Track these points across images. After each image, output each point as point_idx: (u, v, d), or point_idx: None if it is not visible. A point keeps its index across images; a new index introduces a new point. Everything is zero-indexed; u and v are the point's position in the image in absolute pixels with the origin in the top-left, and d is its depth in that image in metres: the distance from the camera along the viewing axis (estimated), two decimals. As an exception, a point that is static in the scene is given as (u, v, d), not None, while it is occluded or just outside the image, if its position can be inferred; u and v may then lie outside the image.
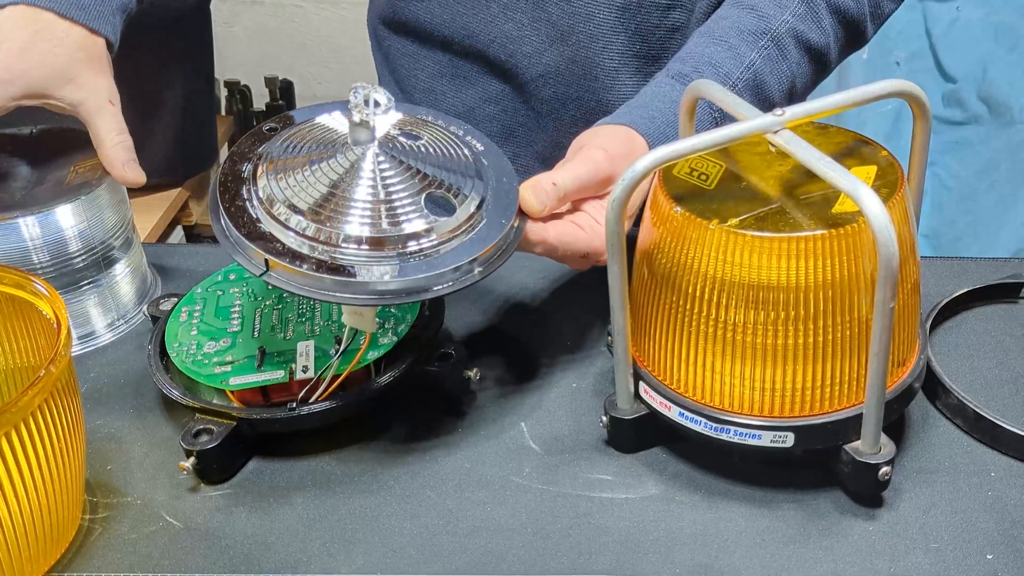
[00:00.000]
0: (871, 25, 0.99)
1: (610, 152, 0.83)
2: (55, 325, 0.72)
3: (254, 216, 0.76)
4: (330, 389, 0.79)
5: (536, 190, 0.79)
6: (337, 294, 0.73)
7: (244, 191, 0.78)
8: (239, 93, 2.46)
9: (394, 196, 0.75)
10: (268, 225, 0.76)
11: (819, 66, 0.96)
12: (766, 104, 0.89)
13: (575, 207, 0.83)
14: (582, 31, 1.01)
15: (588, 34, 1.01)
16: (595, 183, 0.82)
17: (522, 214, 0.80)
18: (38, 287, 0.75)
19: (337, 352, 0.81)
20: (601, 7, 1.00)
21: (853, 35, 0.98)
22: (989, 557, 0.70)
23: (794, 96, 0.94)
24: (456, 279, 0.75)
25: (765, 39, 0.91)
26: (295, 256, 0.74)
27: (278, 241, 0.75)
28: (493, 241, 0.77)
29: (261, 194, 0.76)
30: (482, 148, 0.84)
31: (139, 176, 0.89)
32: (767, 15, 0.92)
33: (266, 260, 0.74)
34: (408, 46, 1.11)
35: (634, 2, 1.00)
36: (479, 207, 0.78)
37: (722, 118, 0.89)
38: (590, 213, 0.82)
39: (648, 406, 0.78)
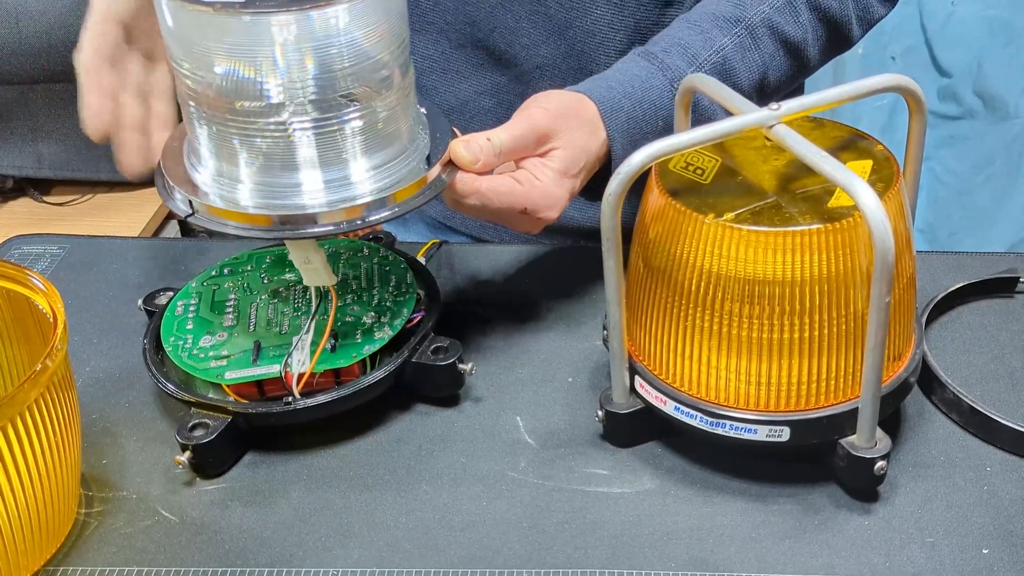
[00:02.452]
0: (857, 27, 0.99)
1: (551, 110, 0.83)
2: (51, 319, 0.72)
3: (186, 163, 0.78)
4: (303, 378, 0.80)
5: (468, 143, 0.79)
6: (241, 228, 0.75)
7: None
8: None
9: None
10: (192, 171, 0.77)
11: (796, 61, 0.95)
12: (736, 90, 0.89)
13: (517, 166, 0.83)
14: (579, 25, 1.00)
15: (585, 29, 1.01)
16: (533, 140, 0.82)
17: (453, 167, 0.80)
18: (34, 281, 0.75)
19: (308, 323, 0.82)
20: (599, 2, 1.00)
21: (836, 35, 0.98)
22: (985, 551, 0.71)
23: (766, 87, 0.94)
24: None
25: (739, 27, 0.91)
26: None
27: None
28: (407, 184, 0.77)
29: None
30: (424, 111, 0.84)
31: None
32: (744, 4, 0.92)
33: (191, 201, 0.75)
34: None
35: None
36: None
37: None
38: (529, 169, 0.82)
39: (644, 400, 0.78)
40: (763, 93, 0.93)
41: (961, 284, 0.92)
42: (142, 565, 0.73)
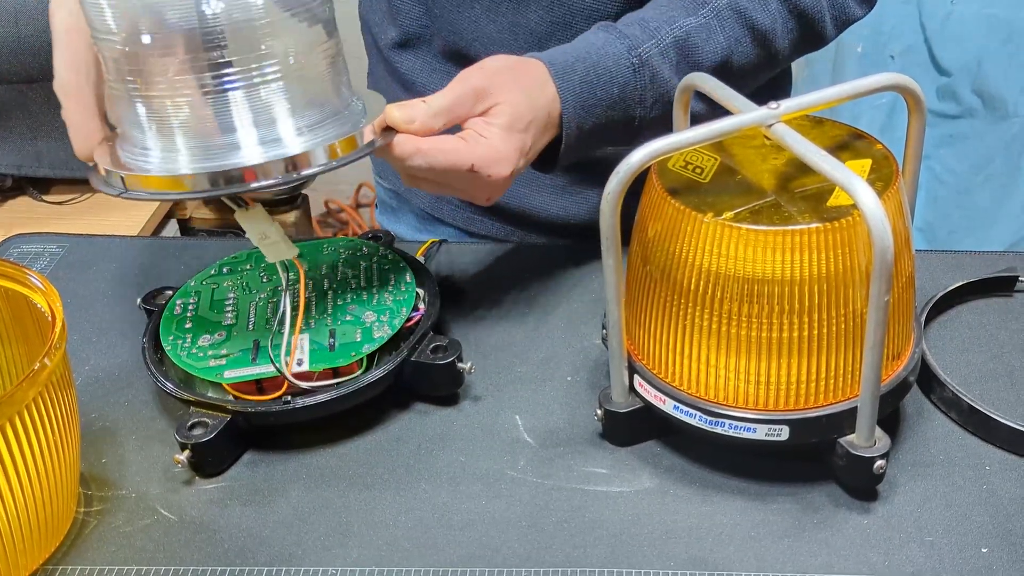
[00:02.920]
0: (831, 25, 0.98)
1: (486, 69, 0.83)
2: (50, 318, 0.72)
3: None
4: (291, 359, 0.80)
5: (403, 106, 0.78)
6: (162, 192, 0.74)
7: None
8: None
9: None
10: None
11: (764, 51, 0.94)
12: (694, 69, 0.88)
13: (463, 128, 0.82)
14: (559, 39, 1.00)
15: (565, 42, 1.00)
16: (471, 98, 0.81)
17: (390, 131, 0.79)
18: (33, 280, 0.75)
19: (283, 299, 0.83)
20: (578, 18, 0.99)
21: (808, 30, 0.97)
22: (984, 550, 0.71)
23: (729, 69, 0.93)
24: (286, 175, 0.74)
25: (705, 9, 0.91)
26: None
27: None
28: (333, 141, 0.76)
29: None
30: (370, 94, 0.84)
31: None
32: None
33: (122, 178, 0.74)
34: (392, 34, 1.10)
35: (612, 13, 0.99)
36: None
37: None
38: (474, 128, 0.81)
39: (643, 399, 0.78)
40: (727, 76, 0.90)
41: (960, 283, 0.92)
42: (141, 564, 0.73)
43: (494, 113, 0.81)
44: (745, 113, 0.72)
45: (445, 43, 1.06)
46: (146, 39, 0.70)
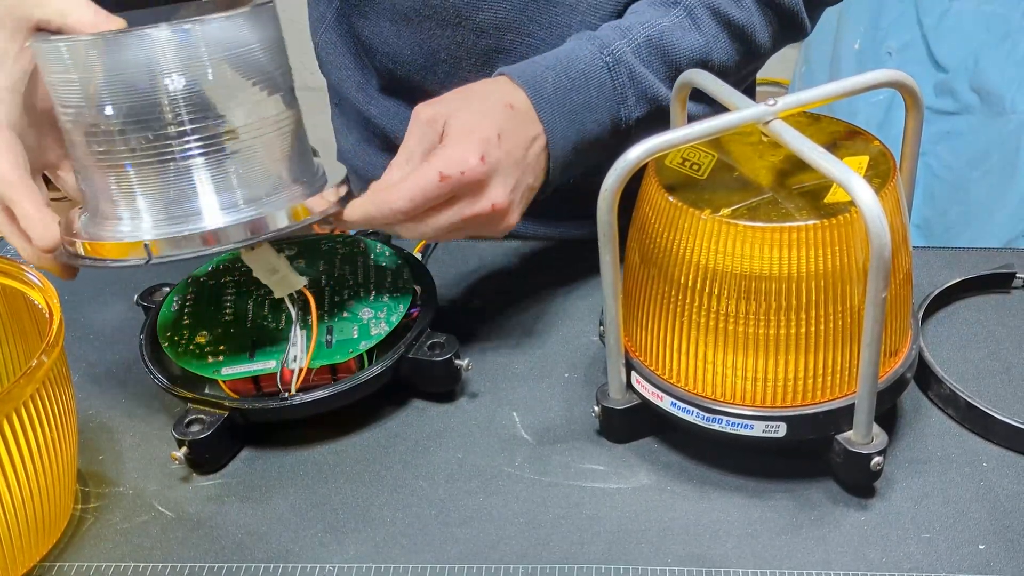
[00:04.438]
0: (807, 11, 0.96)
1: (431, 101, 0.81)
2: (47, 315, 0.72)
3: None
4: (301, 374, 0.80)
5: (373, 197, 0.78)
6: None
7: None
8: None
9: None
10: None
11: (743, 45, 0.92)
12: (674, 68, 0.87)
13: None
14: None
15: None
16: (429, 134, 0.80)
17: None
18: (30, 276, 0.74)
19: (294, 329, 0.83)
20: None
21: (786, 20, 0.95)
22: (981, 547, 0.71)
23: (712, 70, 0.87)
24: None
25: (677, 8, 0.89)
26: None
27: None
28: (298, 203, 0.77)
29: None
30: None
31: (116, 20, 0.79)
32: None
33: (146, 245, 0.74)
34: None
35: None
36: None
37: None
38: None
39: (640, 396, 0.78)
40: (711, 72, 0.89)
41: (957, 280, 0.92)
42: (138, 561, 0.73)
43: (445, 128, 0.79)
44: (742, 110, 0.72)
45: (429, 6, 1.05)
46: (109, 110, 0.71)
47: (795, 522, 0.73)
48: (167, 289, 0.91)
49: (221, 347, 0.83)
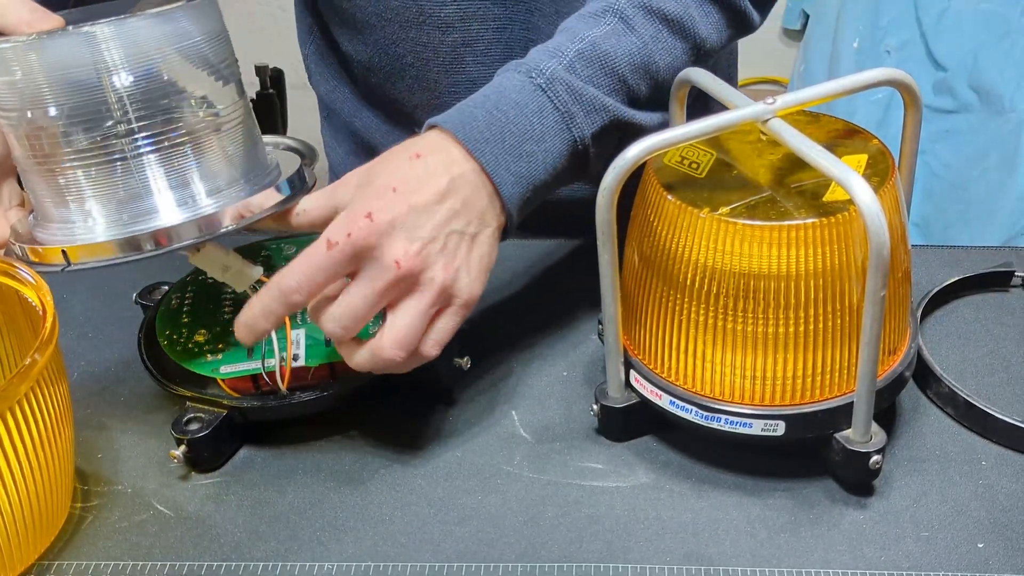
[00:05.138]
0: (751, 4, 0.89)
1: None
2: (41, 312, 0.72)
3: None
4: (286, 373, 0.80)
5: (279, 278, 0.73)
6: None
7: None
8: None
9: None
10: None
11: (686, 41, 0.84)
12: (616, 77, 0.80)
13: None
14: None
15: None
16: (326, 266, 0.73)
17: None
18: (23, 274, 0.74)
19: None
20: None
21: (726, 10, 0.87)
22: (980, 546, 0.71)
23: (657, 73, 0.83)
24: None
25: (608, 15, 0.82)
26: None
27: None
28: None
29: None
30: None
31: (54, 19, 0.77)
32: None
33: (63, 251, 0.73)
34: None
35: None
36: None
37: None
38: None
39: (639, 395, 0.78)
40: (657, 81, 0.83)
41: (956, 278, 0.92)
42: (137, 559, 0.73)
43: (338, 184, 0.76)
44: (741, 108, 0.72)
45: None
46: (52, 111, 0.70)
47: (794, 520, 0.73)
48: (166, 287, 0.91)
49: (220, 345, 0.83)
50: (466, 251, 0.75)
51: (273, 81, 2.54)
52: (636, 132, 0.80)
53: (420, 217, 0.72)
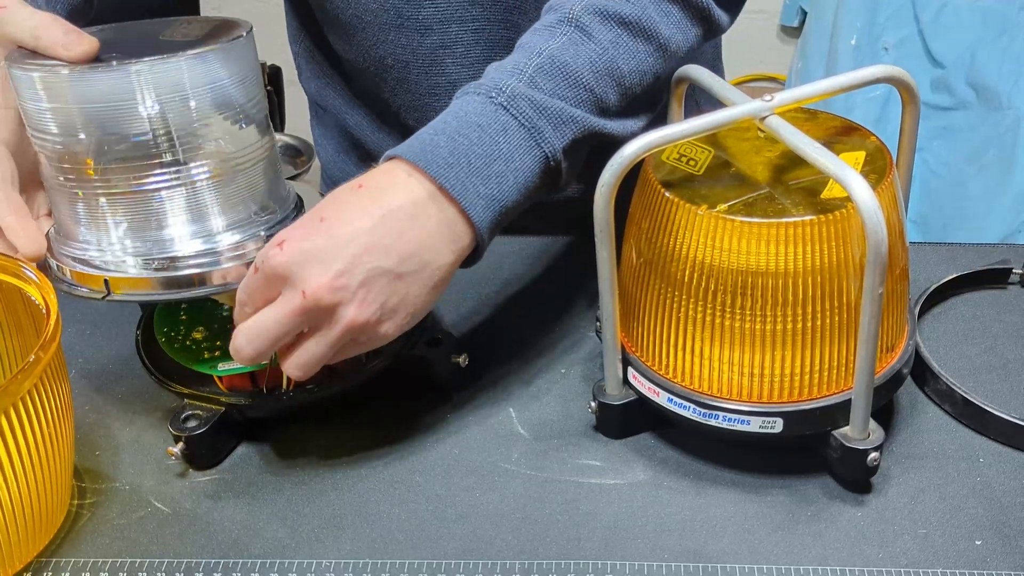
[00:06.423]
0: (716, 6, 0.86)
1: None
2: (44, 310, 0.72)
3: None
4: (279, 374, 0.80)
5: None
6: None
7: None
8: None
9: None
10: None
11: (650, 44, 0.82)
12: (580, 87, 0.78)
13: None
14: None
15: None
16: (254, 287, 0.74)
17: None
18: (27, 272, 0.74)
19: None
20: None
21: (690, 10, 0.84)
22: (978, 543, 0.71)
23: (623, 79, 0.81)
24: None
25: (563, 26, 0.80)
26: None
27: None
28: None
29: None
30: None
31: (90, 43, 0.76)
32: (561, 4, 0.82)
33: (106, 280, 0.76)
34: None
35: None
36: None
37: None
38: None
39: (637, 392, 0.78)
40: (625, 87, 0.81)
41: (954, 275, 0.92)
42: (135, 556, 0.73)
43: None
44: (739, 105, 0.72)
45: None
46: (84, 139, 0.73)
47: (791, 518, 0.73)
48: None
49: (218, 343, 0.83)
50: (390, 291, 0.72)
51: (271, 78, 2.53)
52: (609, 142, 0.78)
53: (338, 248, 0.70)
